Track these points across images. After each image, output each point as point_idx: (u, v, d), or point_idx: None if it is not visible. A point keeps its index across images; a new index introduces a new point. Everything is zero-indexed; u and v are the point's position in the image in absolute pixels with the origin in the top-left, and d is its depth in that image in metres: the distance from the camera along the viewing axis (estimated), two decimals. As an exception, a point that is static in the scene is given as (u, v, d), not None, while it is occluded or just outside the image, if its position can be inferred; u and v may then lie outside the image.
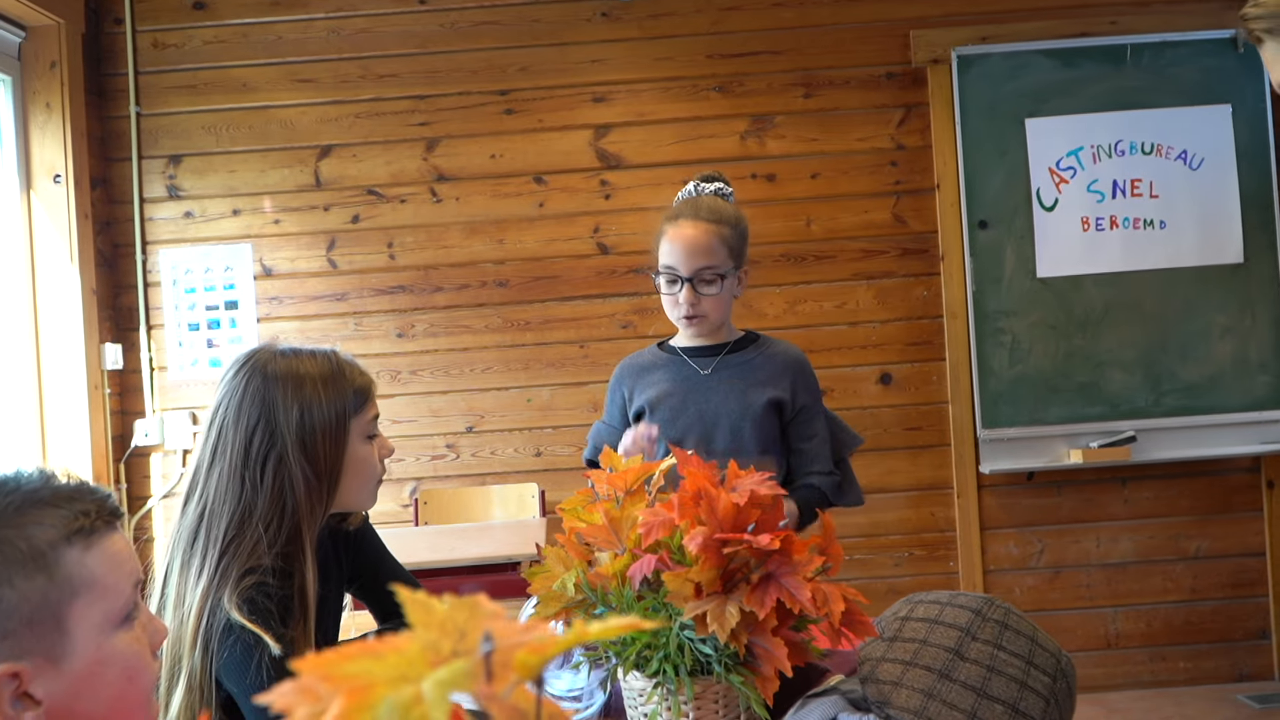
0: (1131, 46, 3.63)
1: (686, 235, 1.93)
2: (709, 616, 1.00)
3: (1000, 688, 1.03)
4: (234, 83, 3.65)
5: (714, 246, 1.93)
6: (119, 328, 3.61)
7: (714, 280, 1.93)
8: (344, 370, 1.45)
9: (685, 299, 1.94)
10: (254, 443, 1.38)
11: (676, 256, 1.93)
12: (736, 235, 1.98)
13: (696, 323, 1.96)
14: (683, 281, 1.93)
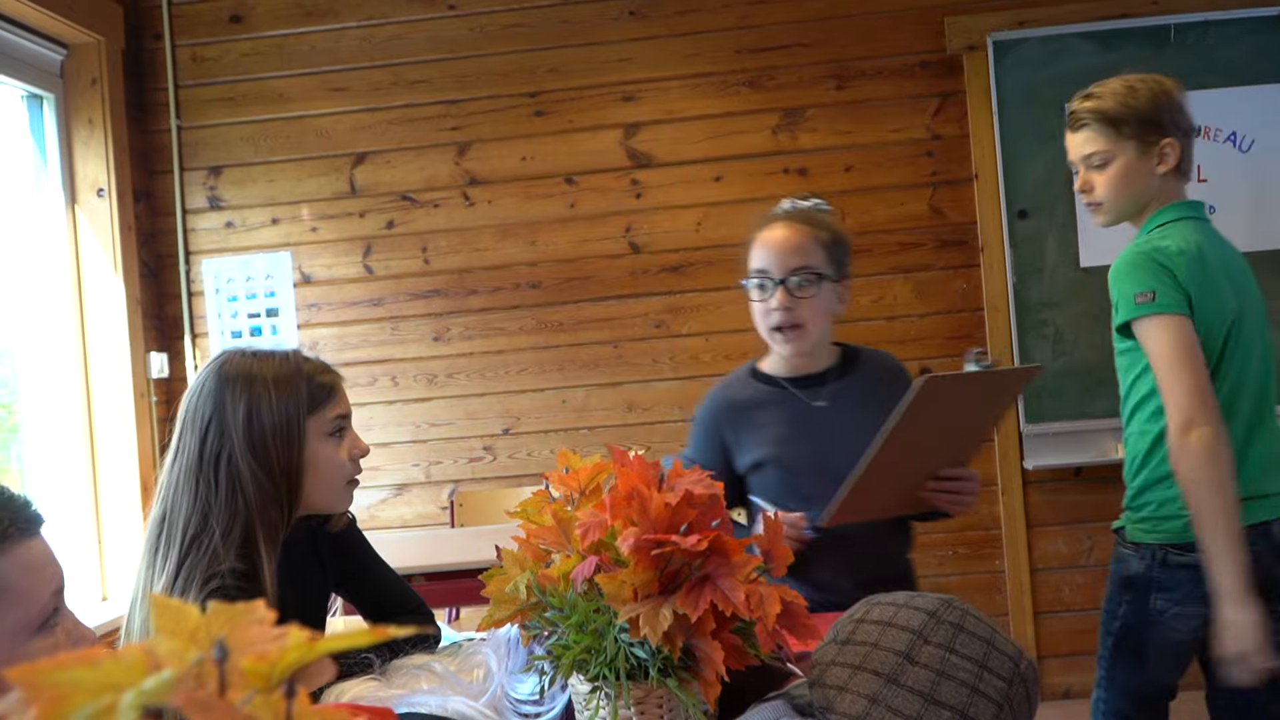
0: (1175, 26, 3.50)
1: (779, 235, 1.78)
2: (642, 620, 0.98)
3: (949, 693, 0.99)
4: (271, 93, 3.72)
5: (809, 246, 1.76)
6: (164, 337, 3.70)
7: (811, 282, 1.74)
8: (299, 369, 1.45)
9: (779, 302, 1.74)
10: (206, 443, 1.40)
11: (768, 257, 1.76)
12: (834, 242, 1.81)
13: (794, 337, 1.75)
14: (775, 284, 1.74)
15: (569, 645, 1.04)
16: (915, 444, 1.54)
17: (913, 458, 1.57)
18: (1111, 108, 1.88)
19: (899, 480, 1.61)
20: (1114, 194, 1.87)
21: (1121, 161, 1.85)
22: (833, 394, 1.82)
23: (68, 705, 0.38)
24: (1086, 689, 3.54)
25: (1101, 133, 1.88)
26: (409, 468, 3.70)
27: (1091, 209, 1.94)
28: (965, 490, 1.65)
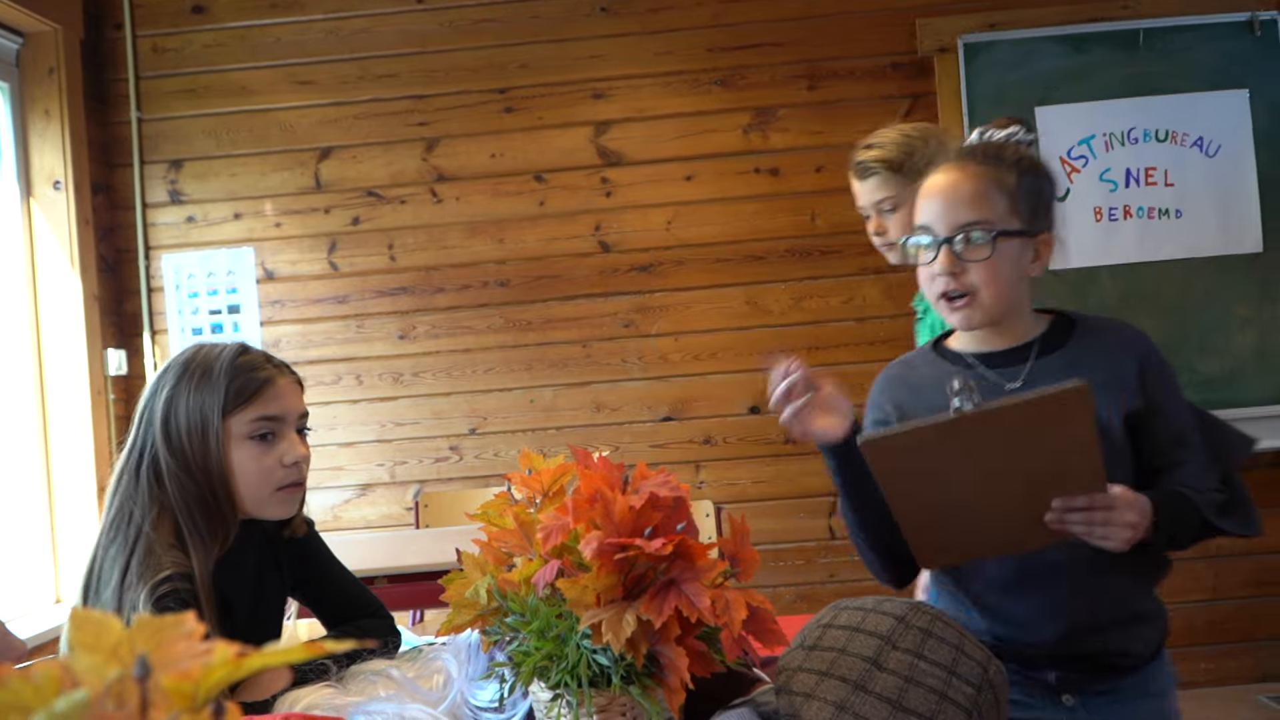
0: (1145, 31, 3.52)
1: (946, 181, 1.44)
2: (605, 626, 0.95)
3: (918, 700, 0.97)
4: (234, 86, 3.66)
5: (984, 194, 1.41)
6: (123, 333, 3.62)
7: (984, 243, 1.39)
8: (226, 365, 1.41)
9: (942, 266, 1.41)
10: (138, 437, 1.39)
11: (931, 209, 1.44)
12: (1024, 186, 1.43)
13: (962, 305, 1.42)
14: (937, 244, 1.42)
15: (530, 652, 1.01)
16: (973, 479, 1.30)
17: (988, 489, 1.31)
18: (895, 156, 2.03)
19: (990, 514, 1.34)
20: None
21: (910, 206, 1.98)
22: (1032, 374, 1.45)
23: (-34, 729, 0.35)
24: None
25: (891, 179, 2.04)
26: (373, 468, 3.65)
27: (886, 249, 2.11)
28: (1097, 519, 1.29)
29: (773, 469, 3.59)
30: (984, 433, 1.24)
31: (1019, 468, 1.27)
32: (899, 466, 1.28)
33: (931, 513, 1.34)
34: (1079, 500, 1.28)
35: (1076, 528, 1.29)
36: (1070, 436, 1.24)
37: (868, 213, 2.09)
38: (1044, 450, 1.25)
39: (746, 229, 3.60)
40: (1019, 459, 1.26)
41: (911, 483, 1.30)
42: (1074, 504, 1.28)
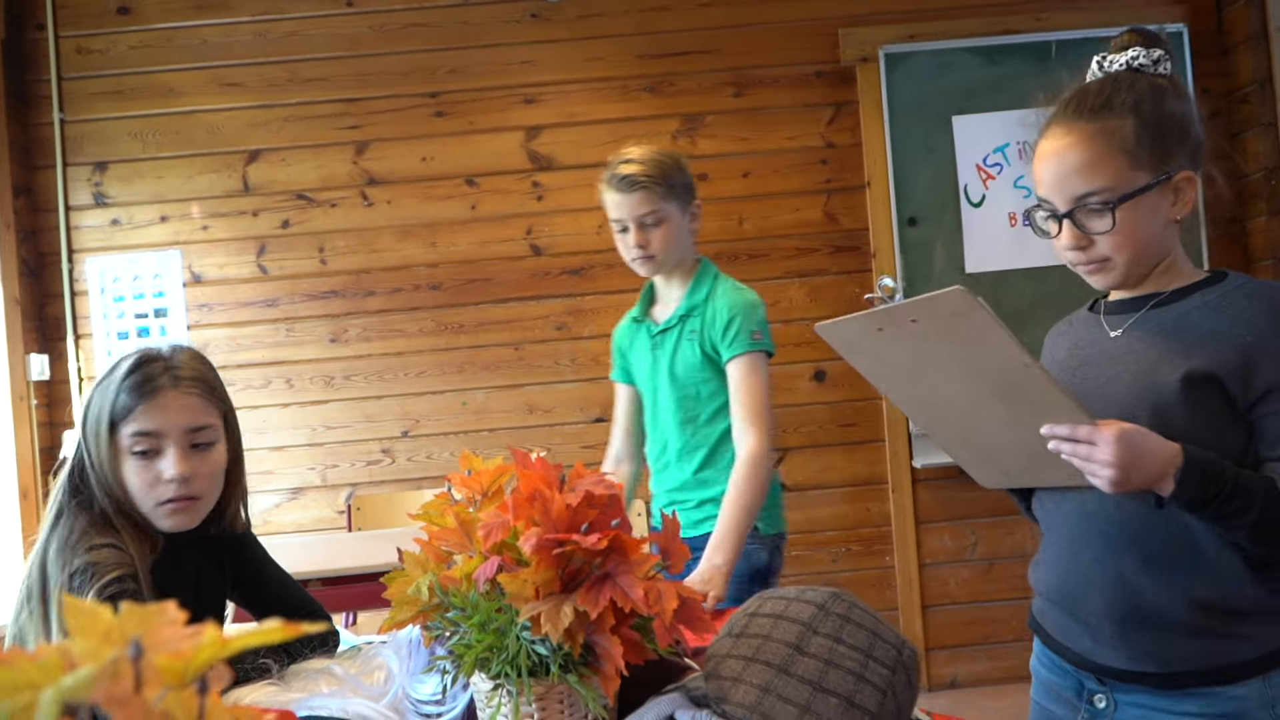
0: (1057, 43, 3.67)
1: (1053, 148, 1.34)
2: (543, 618, 1.00)
3: (837, 681, 1.04)
4: (160, 88, 3.62)
5: (1097, 159, 1.29)
6: (45, 338, 3.57)
7: (1102, 210, 1.29)
8: (121, 375, 1.43)
9: (1068, 241, 1.32)
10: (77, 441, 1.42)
11: (1046, 182, 1.35)
12: (1145, 129, 1.30)
13: (1098, 269, 1.33)
14: (1060, 219, 1.33)
15: (471, 644, 1.06)
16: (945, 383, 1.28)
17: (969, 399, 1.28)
18: (659, 174, 2.08)
19: (996, 433, 1.30)
20: (668, 248, 2.10)
21: (673, 220, 2.10)
22: (1136, 325, 1.35)
23: (-16, 705, 0.39)
24: (973, 678, 3.70)
25: (655, 194, 2.07)
26: (304, 471, 3.64)
27: (644, 261, 2.11)
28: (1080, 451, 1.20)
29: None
30: (908, 333, 1.23)
31: (974, 380, 1.24)
32: (865, 362, 1.36)
33: (942, 422, 1.36)
34: (1061, 429, 1.21)
35: (1069, 460, 1.21)
36: (990, 348, 1.19)
37: (625, 225, 2.10)
38: (979, 364, 1.22)
39: (676, 233, 3.67)
40: (964, 370, 1.24)
41: (890, 380, 1.37)
42: (1057, 432, 1.21)
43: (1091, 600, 1.34)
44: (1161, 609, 1.28)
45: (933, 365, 1.26)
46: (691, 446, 2.13)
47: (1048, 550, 1.42)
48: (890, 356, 1.30)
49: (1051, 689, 1.44)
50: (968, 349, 1.21)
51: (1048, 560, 1.42)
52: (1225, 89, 3.76)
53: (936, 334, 1.21)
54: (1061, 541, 1.39)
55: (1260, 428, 1.24)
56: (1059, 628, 1.40)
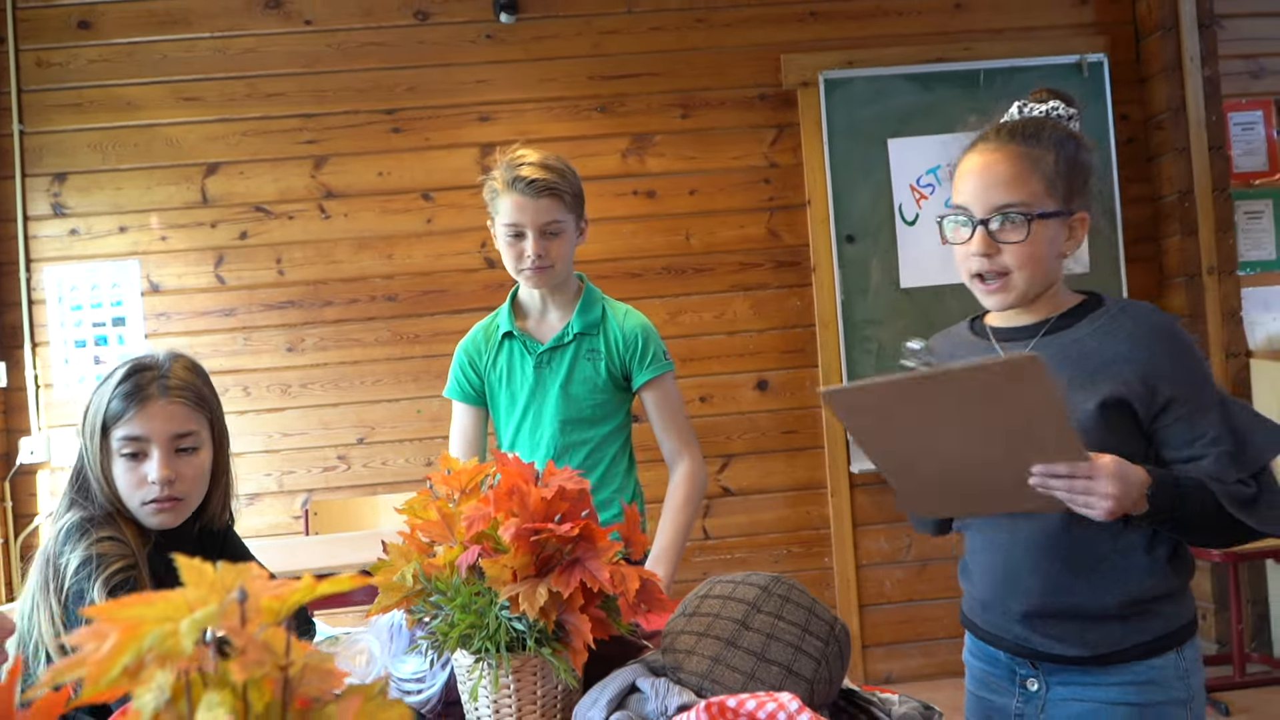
0: (985, 71, 3.88)
1: (981, 162, 1.44)
2: (521, 598, 1.13)
3: (777, 652, 1.19)
4: (119, 101, 3.69)
5: (1021, 176, 1.41)
6: (3, 345, 3.61)
7: (1020, 225, 1.39)
8: (114, 382, 1.54)
9: (977, 247, 1.42)
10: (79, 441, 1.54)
11: (968, 190, 1.43)
12: (1062, 165, 1.42)
13: (998, 287, 1.43)
14: (973, 225, 1.42)
15: (455, 624, 1.19)
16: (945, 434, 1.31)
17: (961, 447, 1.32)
18: (565, 183, 2.02)
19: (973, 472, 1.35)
20: (564, 260, 2.05)
21: (569, 232, 2.05)
22: (1037, 350, 1.43)
23: (141, 631, 0.52)
24: (907, 674, 3.88)
25: (562, 203, 2.02)
26: (261, 477, 3.72)
27: (539, 272, 2.02)
28: (1077, 486, 1.27)
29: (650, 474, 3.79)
30: (940, 393, 1.24)
31: (990, 430, 1.27)
32: (865, 421, 1.33)
33: (911, 465, 1.37)
34: (1060, 468, 1.27)
35: (1059, 494, 1.29)
36: (1032, 404, 1.22)
37: (523, 231, 1.99)
38: (1009, 416, 1.24)
39: (625, 247, 3.82)
40: (986, 421, 1.26)
41: (883, 435, 1.34)
42: (1055, 470, 1.28)
43: (1023, 599, 1.46)
44: (1088, 604, 1.42)
45: (948, 423, 1.28)
46: (582, 470, 1.95)
47: (978, 557, 1.54)
48: (899, 417, 1.30)
49: (985, 678, 1.57)
50: (1005, 408, 1.23)
51: (980, 566, 1.54)
52: (1142, 116, 4.00)
53: (977, 398, 1.24)
54: (992, 551, 1.51)
55: (1163, 436, 1.39)
56: (990, 622, 1.52)
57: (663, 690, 1.14)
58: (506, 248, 2.03)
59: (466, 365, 2.16)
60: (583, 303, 2.11)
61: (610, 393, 2.10)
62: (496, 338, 2.14)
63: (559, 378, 2.08)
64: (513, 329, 2.11)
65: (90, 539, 1.47)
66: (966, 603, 1.60)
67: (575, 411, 2.08)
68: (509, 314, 2.13)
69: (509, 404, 2.12)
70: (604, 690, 1.17)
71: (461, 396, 2.17)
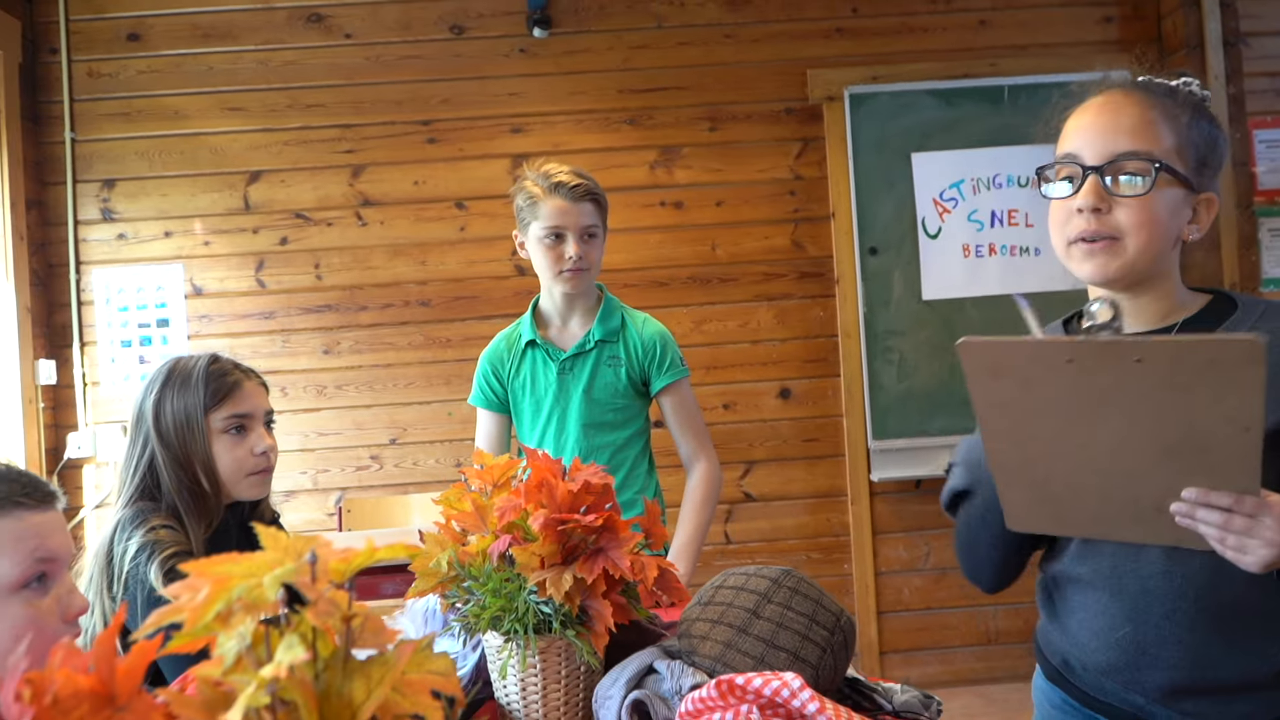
0: (1009, 87, 3.95)
1: (1103, 104, 1.24)
2: (548, 583, 1.23)
3: (785, 640, 1.27)
4: (166, 110, 3.83)
5: (1151, 124, 1.20)
6: (53, 344, 3.75)
7: (1143, 172, 1.18)
8: (204, 371, 1.69)
9: (1086, 199, 1.20)
10: (136, 440, 1.66)
11: (1081, 136, 1.23)
12: (1197, 130, 1.23)
13: (1101, 251, 1.21)
14: (1086, 174, 1.20)
15: (486, 606, 1.28)
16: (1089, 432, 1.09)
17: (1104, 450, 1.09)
18: (602, 193, 2.16)
19: (1107, 483, 1.12)
20: (597, 266, 2.18)
21: (602, 240, 2.19)
22: None
23: (230, 584, 0.61)
24: (925, 681, 3.94)
25: (600, 208, 2.16)
26: (297, 475, 3.84)
27: (576, 275, 2.12)
28: (1235, 524, 1.05)
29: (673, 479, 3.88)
30: (1119, 369, 1.03)
31: (1160, 430, 1.05)
32: (1002, 390, 1.10)
33: (1036, 462, 1.15)
34: (1222, 497, 1.04)
35: (1208, 529, 1.06)
36: (1224, 404, 1.00)
37: (564, 234, 2.10)
38: (1188, 416, 1.03)
39: (651, 257, 3.91)
40: (1160, 418, 1.04)
41: (1019, 415, 1.11)
42: (1213, 500, 1.05)
43: (1155, 675, 1.25)
44: (1238, 678, 1.22)
45: (1107, 408, 1.06)
46: None
47: (1091, 620, 1.31)
48: (1048, 389, 1.07)
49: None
50: (1187, 399, 1.02)
51: (1093, 630, 1.30)
52: (1164, 133, 4.05)
53: (1159, 379, 1.01)
54: (1113, 615, 1.28)
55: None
56: (1099, 688, 1.32)
57: (677, 671, 1.22)
58: (545, 251, 2.12)
59: (490, 374, 2.26)
60: (603, 311, 2.20)
61: (630, 398, 2.19)
62: (519, 347, 2.23)
63: (581, 383, 2.17)
64: (535, 338, 2.20)
65: (147, 526, 1.58)
66: (1048, 644, 1.40)
67: (598, 416, 2.17)
68: (531, 323, 2.22)
69: (533, 410, 2.22)
70: (623, 670, 1.26)
71: (485, 404, 2.27)
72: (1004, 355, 1.08)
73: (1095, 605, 1.30)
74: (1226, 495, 1.05)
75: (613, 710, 1.23)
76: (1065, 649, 1.37)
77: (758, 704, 1.07)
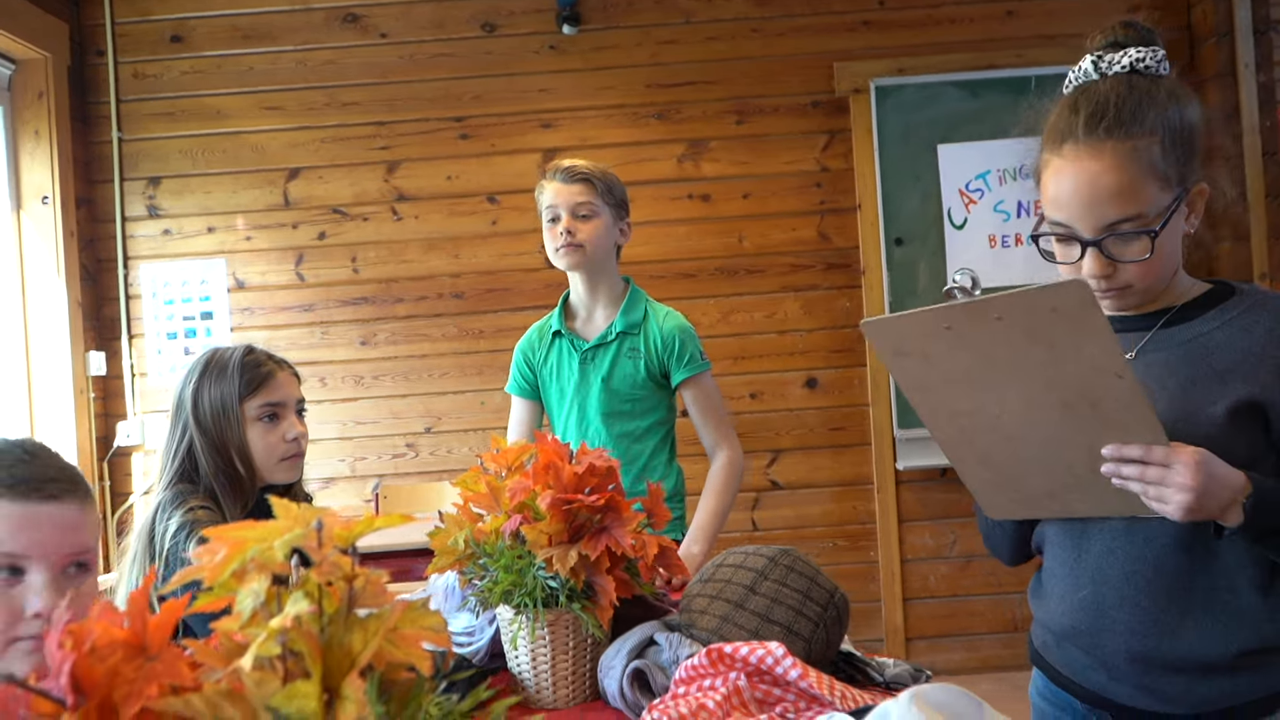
0: (1036, 78, 3.96)
1: (1080, 172, 1.22)
2: (555, 559, 1.31)
3: (780, 614, 1.34)
4: (209, 110, 3.95)
5: (1131, 184, 1.20)
6: (102, 337, 3.90)
7: (1137, 237, 1.21)
8: (239, 361, 1.79)
9: (1092, 270, 1.23)
10: (175, 427, 1.76)
11: (1070, 207, 1.23)
12: (1169, 143, 1.22)
13: (1117, 295, 1.26)
14: (1084, 246, 1.23)
15: (499, 581, 1.37)
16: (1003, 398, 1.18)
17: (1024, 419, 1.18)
18: (599, 174, 2.24)
19: (1035, 452, 1.21)
20: (595, 242, 2.22)
21: (604, 221, 2.23)
22: (1150, 346, 1.29)
23: (245, 546, 0.70)
24: (950, 667, 3.99)
25: (593, 189, 2.22)
26: (335, 463, 3.96)
27: (570, 251, 2.21)
28: (1150, 474, 1.13)
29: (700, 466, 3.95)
30: (984, 329, 1.12)
31: (1050, 391, 1.14)
32: (911, 367, 1.21)
33: (972, 440, 1.24)
34: (1133, 450, 1.13)
35: (1133, 485, 1.14)
36: (1086, 352, 1.08)
37: (558, 214, 2.20)
38: (1063, 370, 1.11)
39: (679, 249, 3.98)
40: (1043, 376, 1.13)
41: (933, 387, 1.22)
42: (1125, 453, 1.14)
43: (1113, 640, 1.29)
44: (1197, 653, 1.24)
45: (996, 371, 1.15)
46: (626, 461, 2.21)
47: (1058, 583, 1.36)
48: (945, 360, 1.18)
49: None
50: (1053, 352, 1.10)
51: (1058, 594, 1.36)
52: (1193, 122, 4.04)
53: (1021, 333, 1.10)
54: (1078, 576, 1.32)
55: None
56: (1068, 662, 1.37)
57: (675, 642, 1.30)
58: (546, 233, 2.24)
59: (523, 363, 2.37)
60: (627, 303, 2.28)
61: (649, 389, 2.26)
62: (548, 337, 2.33)
63: (601, 373, 2.25)
64: (561, 328, 2.30)
65: (186, 507, 1.69)
66: (1038, 634, 1.45)
67: (616, 405, 2.25)
68: (560, 315, 2.33)
69: (559, 398, 2.31)
70: (626, 642, 1.34)
71: (519, 391, 2.38)
72: (898, 331, 1.18)
73: (1062, 567, 1.36)
74: (1136, 447, 1.13)
75: (615, 679, 1.31)
76: (1043, 622, 1.43)
77: (746, 671, 1.14)
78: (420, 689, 0.74)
